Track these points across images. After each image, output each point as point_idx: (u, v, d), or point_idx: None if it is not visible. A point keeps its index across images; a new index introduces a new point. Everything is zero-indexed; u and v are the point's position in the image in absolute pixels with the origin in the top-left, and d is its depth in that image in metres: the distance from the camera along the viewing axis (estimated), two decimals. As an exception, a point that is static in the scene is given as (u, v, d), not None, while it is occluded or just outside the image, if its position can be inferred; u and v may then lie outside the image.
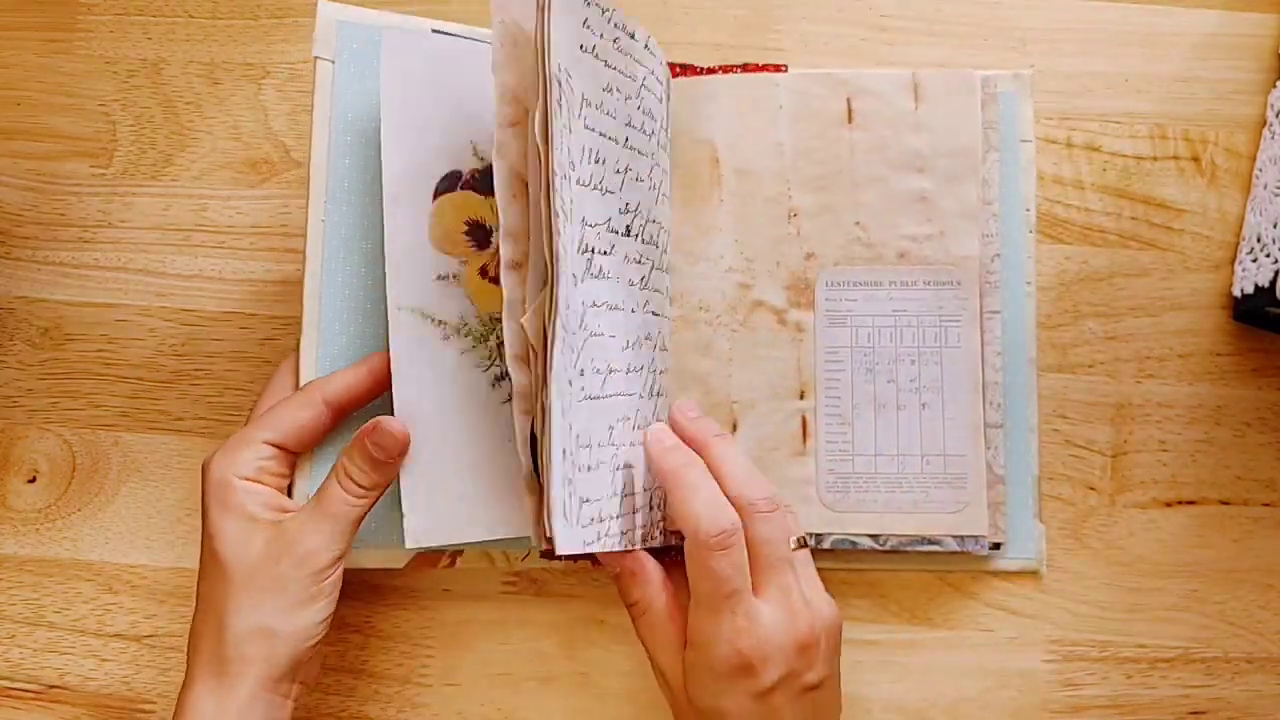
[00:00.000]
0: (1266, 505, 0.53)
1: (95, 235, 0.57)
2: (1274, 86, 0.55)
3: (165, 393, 0.56)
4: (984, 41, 0.57)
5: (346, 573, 0.46)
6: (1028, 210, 0.54)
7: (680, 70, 0.55)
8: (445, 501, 0.48)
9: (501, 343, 0.48)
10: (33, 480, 0.56)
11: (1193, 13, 0.56)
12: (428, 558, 0.52)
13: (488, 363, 0.49)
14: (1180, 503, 0.54)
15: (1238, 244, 0.55)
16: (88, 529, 0.55)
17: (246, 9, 0.58)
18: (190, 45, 0.58)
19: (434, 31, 0.50)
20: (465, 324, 0.49)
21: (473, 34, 0.51)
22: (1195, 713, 0.52)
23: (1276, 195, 0.52)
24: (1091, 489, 0.54)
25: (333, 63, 0.50)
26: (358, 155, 0.50)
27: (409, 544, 0.48)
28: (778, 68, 0.55)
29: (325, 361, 0.49)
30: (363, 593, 0.54)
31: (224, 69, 0.58)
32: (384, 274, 0.49)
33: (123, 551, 0.55)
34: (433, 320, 0.49)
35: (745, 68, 0.55)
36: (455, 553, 0.52)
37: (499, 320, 0.47)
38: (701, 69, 0.55)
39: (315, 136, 0.49)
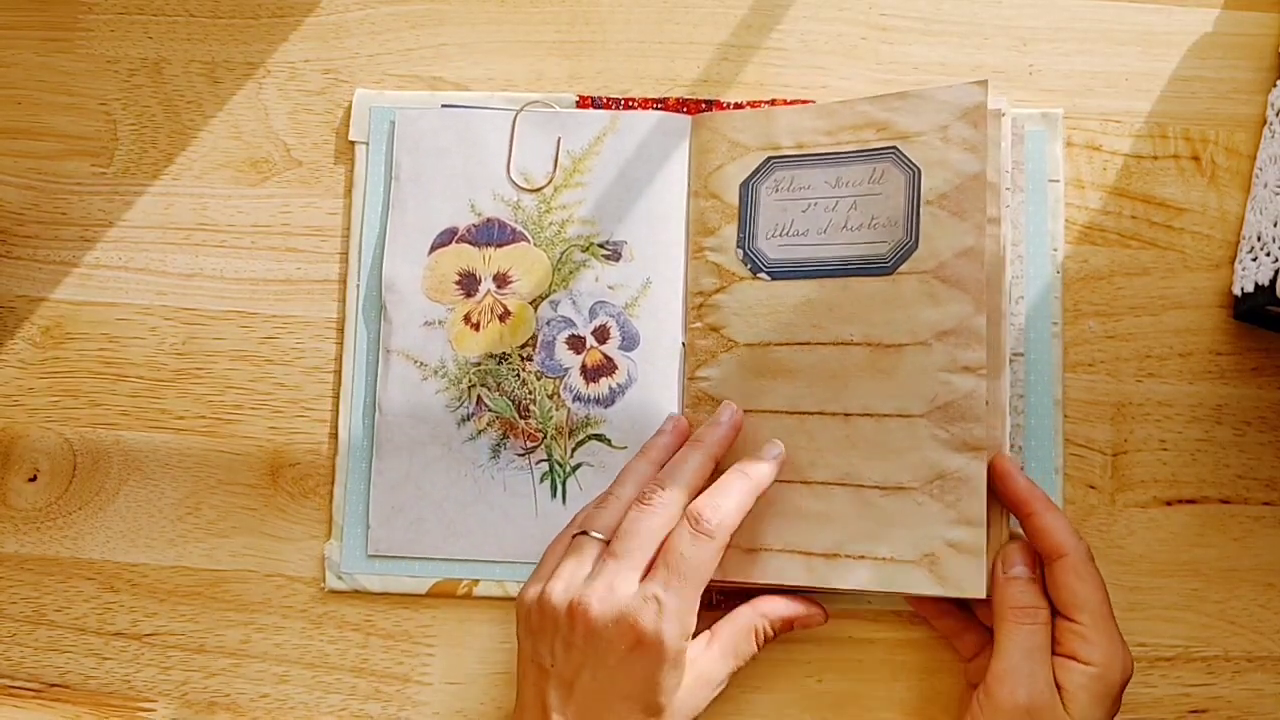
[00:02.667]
0: (1266, 504, 0.53)
1: (96, 234, 0.57)
2: (1274, 86, 0.55)
3: (165, 392, 0.56)
4: (984, 41, 0.57)
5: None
6: (1055, 250, 0.54)
7: (704, 106, 0.56)
8: (403, 521, 0.54)
9: (472, 385, 0.54)
10: (33, 479, 0.56)
11: (1192, 12, 0.56)
12: (447, 585, 0.54)
13: (457, 404, 0.54)
14: (1180, 502, 0.54)
15: (1238, 243, 0.55)
16: (88, 528, 0.55)
17: (247, 8, 0.58)
18: (191, 44, 0.58)
19: (443, 106, 0.56)
20: (443, 367, 0.55)
21: (476, 102, 0.57)
22: (1195, 712, 0.52)
23: (1276, 194, 0.52)
24: (1091, 488, 0.54)
25: (367, 145, 0.56)
26: (383, 222, 0.56)
27: (370, 551, 0.54)
28: (805, 102, 0.55)
29: (359, 390, 0.55)
30: (363, 593, 0.54)
31: (225, 68, 0.58)
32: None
33: (123, 550, 0.55)
34: (416, 362, 0.55)
35: (773, 103, 0.55)
36: (473, 582, 0.54)
37: (474, 364, 0.55)
38: (728, 105, 0.56)
39: (353, 211, 0.56)
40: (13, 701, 0.54)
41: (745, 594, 0.53)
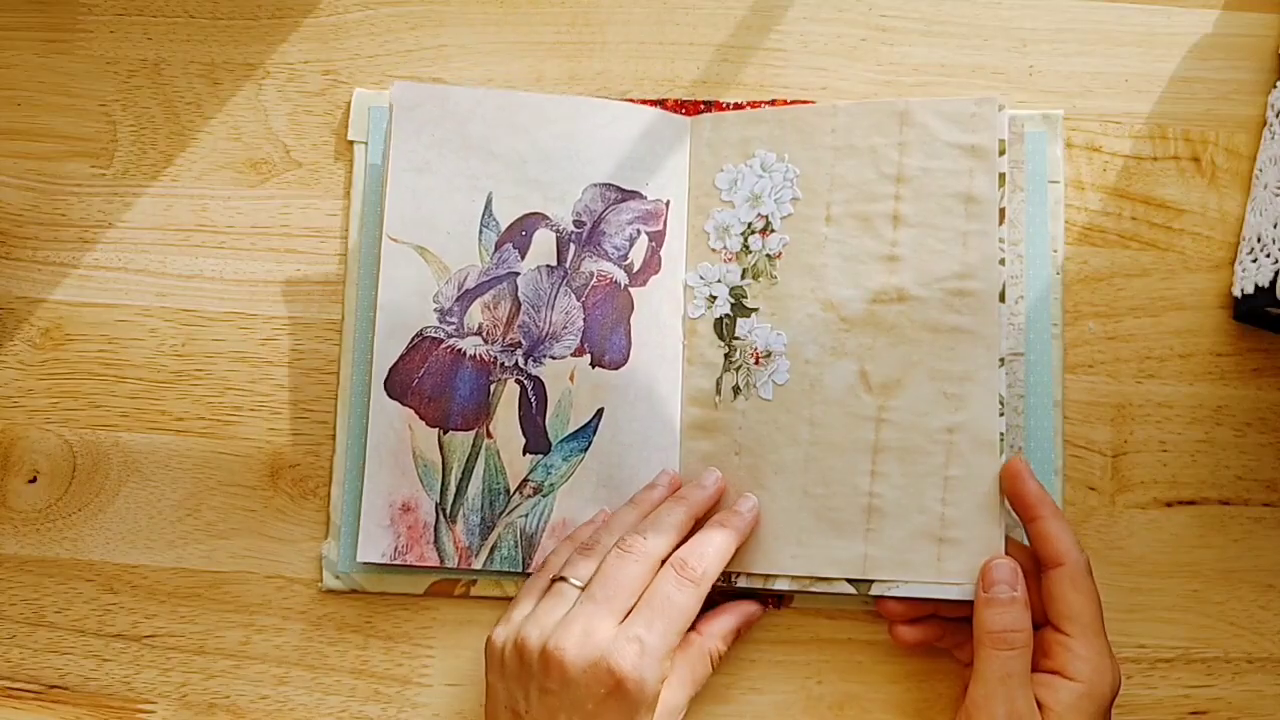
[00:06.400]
0: (1266, 505, 0.53)
1: (96, 235, 0.57)
2: (1274, 86, 0.55)
3: (165, 393, 0.56)
4: (984, 42, 0.57)
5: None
6: (1055, 252, 0.54)
7: (704, 107, 0.56)
8: None
9: None
10: (33, 480, 0.56)
11: (1192, 13, 0.56)
12: (444, 585, 0.54)
13: None
14: (1180, 503, 0.54)
15: (1238, 244, 0.55)
16: (88, 529, 0.55)
17: (247, 9, 0.58)
18: (191, 45, 0.58)
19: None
20: None
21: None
22: (1195, 713, 0.52)
23: (1276, 195, 0.52)
24: (1091, 489, 0.54)
25: (366, 145, 0.56)
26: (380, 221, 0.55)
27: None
28: (806, 103, 0.55)
29: (358, 388, 0.54)
30: (361, 593, 0.54)
31: (224, 69, 0.58)
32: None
33: (123, 551, 0.55)
34: None
35: (774, 104, 0.55)
36: (469, 581, 0.54)
37: None
38: (727, 105, 0.56)
39: (352, 210, 0.56)
40: (12, 703, 0.54)
41: (731, 596, 0.53)
